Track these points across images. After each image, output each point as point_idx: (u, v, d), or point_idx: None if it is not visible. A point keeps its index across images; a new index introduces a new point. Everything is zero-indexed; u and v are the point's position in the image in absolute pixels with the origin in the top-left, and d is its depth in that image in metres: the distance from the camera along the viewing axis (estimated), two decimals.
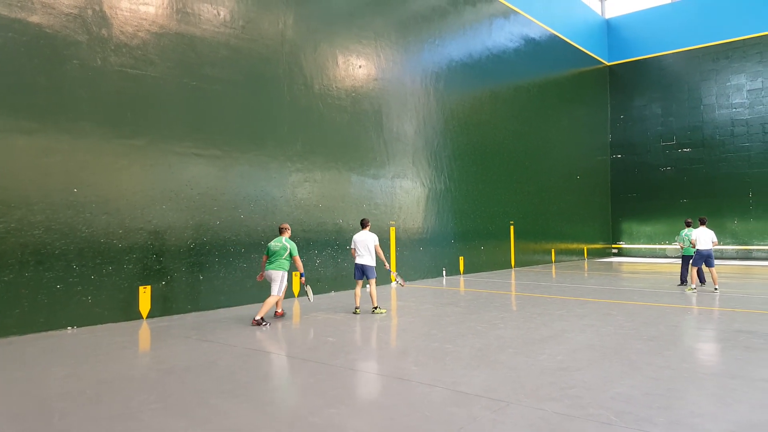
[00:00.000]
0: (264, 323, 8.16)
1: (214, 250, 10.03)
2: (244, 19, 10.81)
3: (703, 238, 11.87)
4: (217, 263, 10.06)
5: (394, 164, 14.32)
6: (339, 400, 4.71)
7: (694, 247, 12.11)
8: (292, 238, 10.15)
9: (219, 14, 10.36)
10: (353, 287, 12.46)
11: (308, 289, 9.19)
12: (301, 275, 8.81)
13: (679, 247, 12.74)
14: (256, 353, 6.47)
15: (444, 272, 15.81)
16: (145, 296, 8.93)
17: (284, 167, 11.44)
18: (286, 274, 8.52)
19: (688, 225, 13.41)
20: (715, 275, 12.00)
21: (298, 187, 11.71)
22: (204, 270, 9.85)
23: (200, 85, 10.02)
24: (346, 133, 12.95)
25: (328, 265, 12.24)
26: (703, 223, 12.24)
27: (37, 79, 7.96)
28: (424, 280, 14.94)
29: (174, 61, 9.61)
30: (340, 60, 12.87)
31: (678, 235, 13.65)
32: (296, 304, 10.56)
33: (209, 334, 7.69)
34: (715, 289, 11.94)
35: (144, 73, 9.17)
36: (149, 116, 9.23)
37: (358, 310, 9.35)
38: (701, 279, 12.85)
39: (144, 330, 8.12)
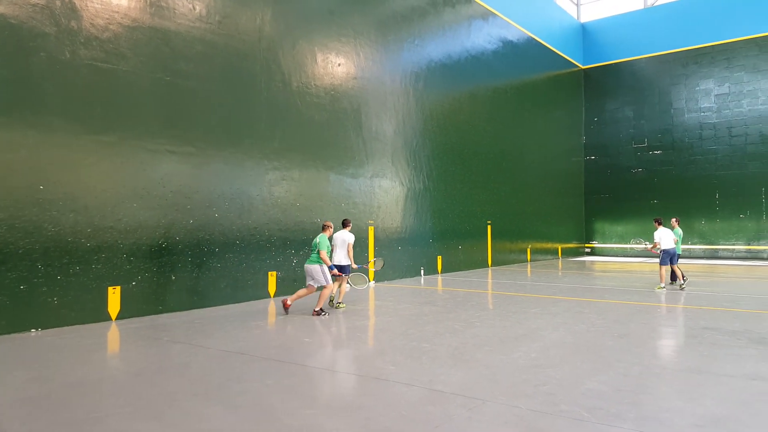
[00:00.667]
0: (323, 313, 8.96)
1: (187, 249, 9.87)
2: (220, 14, 10.67)
3: (667, 237, 12.51)
4: (190, 263, 9.91)
5: (373, 163, 14.30)
6: (315, 401, 4.68)
7: (654, 250, 12.75)
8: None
9: (194, 8, 10.21)
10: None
11: (347, 278, 9.85)
12: (331, 267, 9.19)
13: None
14: (231, 355, 6.39)
15: (422, 271, 15.85)
16: (114, 297, 8.73)
17: (261, 165, 11.33)
18: (319, 267, 9.03)
19: (661, 223, 13.61)
20: (678, 271, 12.71)
21: (275, 186, 11.61)
22: (176, 270, 9.68)
23: (174, 80, 9.85)
24: (324, 131, 12.88)
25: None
26: (660, 224, 12.91)
27: (1, 72, 7.71)
28: (403, 279, 14.95)
29: (147, 55, 9.43)
30: (319, 58, 12.80)
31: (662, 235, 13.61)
32: (272, 305, 10.46)
33: (181, 335, 7.57)
34: (682, 282, 12.57)
35: (115, 67, 8.98)
36: (121, 112, 9.04)
37: (341, 305, 9.80)
38: (673, 277, 13.21)
39: (113, 332, 7.94)
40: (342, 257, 9.71)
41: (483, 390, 4.87)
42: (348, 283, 10.09)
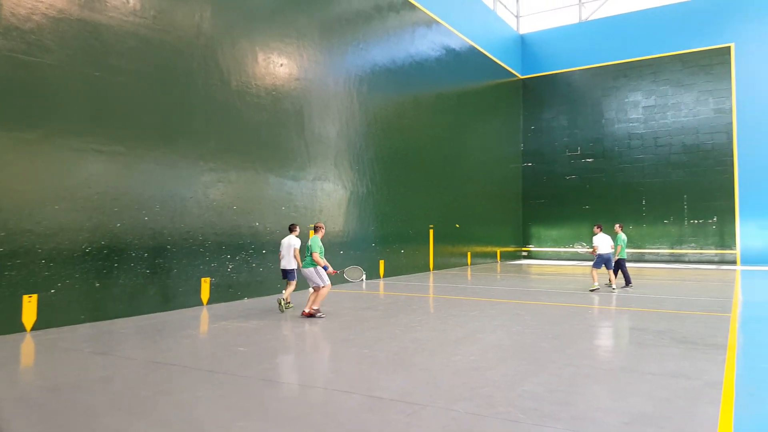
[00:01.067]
0: (320, 314, 9.22)
1: (113, 254, 9.35)
2: (156, 8, 10.23)
3: (604, 243, 13.28)
4: (116, 269, 9.39)
5: (315, 166, 14.11)
6: (248, 413, 4.49)
7: (594, 253, 13.34)
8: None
9: (128, 2, 9.73)
10: (267, 293, 12.24)
11: (344, 272, 9.90)
12: (325, 268, 9.30)
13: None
14: (159, 366, 6.06)
15: (364, 276, 15.74)
16: (30, 306, 8.11)
17: (196, 166, 10.92)
18: (313, 269, 9.23)
19: (600, 229, 14.08)
20: (612, 276, 13.51)
21: (211, 188, 11.22)
22: (101, 276, 9.13)
23: (104, 75, 9.35)
24: (264, 132, 12.59)
25: (242, 270, 11.81)
26: (600, 230, 13.74)
27: None
28: (344, 284, 14.82)
29: (75, 48, 8.90)
30: (261, 57, 12.51)
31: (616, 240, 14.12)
32: (204, 313, 10.09)
33: (105, 346, 7.12)
34: (612, 288, 13.32)
35: (39, 60, 8.41)
36: (44, 107, 8.47)
37: (289, 305, 10.06)
38: (628, 281, 13.96)
39: (27, 344, 7.38)
40: (285, 262, 10.09)
41: (422, 395, 4.84)
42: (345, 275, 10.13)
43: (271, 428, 4.10)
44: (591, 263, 13.98)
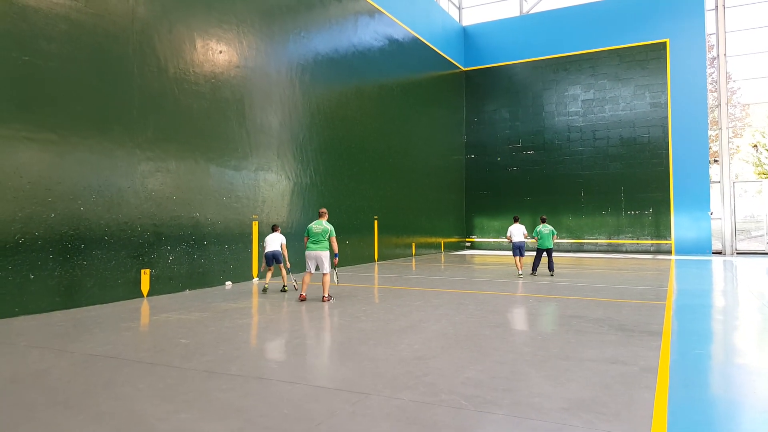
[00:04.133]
0: (330, 298, 9.83)
1: (47, 246, 8.92)
2: None
3: (516, 232, 14.82)
4: (51, 261, 8.97)
5: (257, 156, 13.87)
6: (191, 405, 4.41)
7: (510, 241, 14.92)
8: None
9: None
10: (209, 285, 12.03)
11: (336, 272, 10.47)
12: (335, 256, 9.94)
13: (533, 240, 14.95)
14: (97, 359, 5.86)
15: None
16: None
17: (133, 155, 10.52)
18: (328, 253, 9.85)
19: (543, 221, 15.24)
20: (521, 263, 14.66)
21: (149, 178, 10.85)
22: (35, 269, 8.71)
23: (33, 60, 8.84)
24: (204, 121, 12.26)
25: (183, 261, 11.51)
26: (516, 221, 15.24)
27: None
28: (288, 276, 14.66)
29: (0, 31, 8.37)
30: (199, 44, 12.14)
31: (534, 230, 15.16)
32: (145, 305, 9.79)
33: (41, 339, 6.82)
34: (519, 274, 14.36)
35: None
36: None
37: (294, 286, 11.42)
38: (534, 267, 14.89)
39: None
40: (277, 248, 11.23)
41: (367, 384, 4.90)
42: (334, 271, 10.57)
43: (213, 420, 4.06)
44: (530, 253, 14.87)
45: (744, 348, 6.84)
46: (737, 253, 23.65)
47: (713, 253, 23.43)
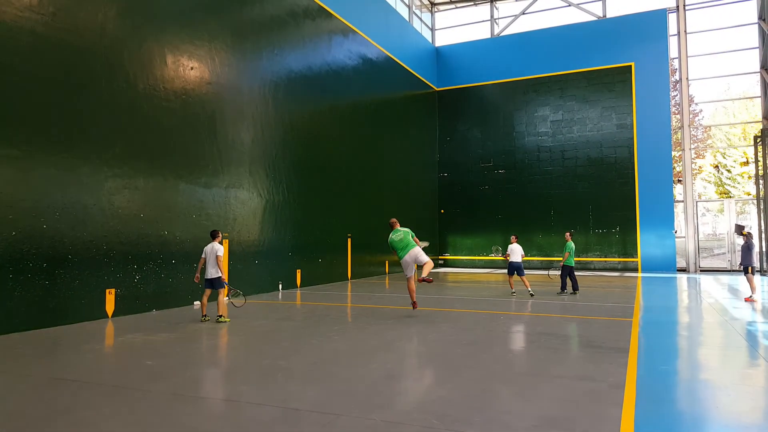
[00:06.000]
0: (432, 281, 10.27)
1: (7, 264, 8.61)
2: (55, 5, 9.57)
3: (515, 252, 14.25)
4: (11, 280, 8.65)
5: (228, 173, 13.72)
6: (157, 429, 4.27)
7: (507, 259, 14.29)
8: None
9: None
10: (177, 305, 11.75)
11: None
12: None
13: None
14: (58, 382, 5.64)
15: (280, 286, 15.50)
16: None
17: (99, 172, 10.30)
18: (418, 248, 10.57)
19: (515, 240, 14.96)
20: (527, 282, 14.14)
21: (116, 195, 10.62)
22: None
23: None
24: (174, 137, 12.10)
25: (150, 281, 11.24)
26: (515, 240, 14.70)
27: None
28: (259, 294, 14.48)
29: None
30: (170, 59, 12.03)
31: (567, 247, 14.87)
32: (109, 326, 9.51)
33: None
34: (531, 294, 13.85)
35: None
36: None
37: (205, 318, 9.80)
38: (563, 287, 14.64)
39: None
40: (213, 271, 9.77)
41: (338, 404, 4.82)
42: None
43: None
44: (506, 271, 14.72)
45: (708, 364, 6.98)
46: (701, 271, 24.25)
47: (678, 270, 24.00)
